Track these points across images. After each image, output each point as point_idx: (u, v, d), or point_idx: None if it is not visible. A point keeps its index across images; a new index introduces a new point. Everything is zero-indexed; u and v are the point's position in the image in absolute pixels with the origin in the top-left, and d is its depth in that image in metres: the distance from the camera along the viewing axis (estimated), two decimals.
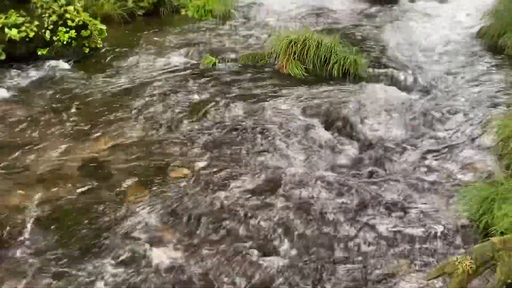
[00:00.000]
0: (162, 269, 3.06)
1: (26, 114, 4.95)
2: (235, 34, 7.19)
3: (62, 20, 6.04)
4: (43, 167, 4.12)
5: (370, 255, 3.29)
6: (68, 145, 4.44)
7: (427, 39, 6.99)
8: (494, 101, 5.28)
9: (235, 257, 3.15)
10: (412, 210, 3.72)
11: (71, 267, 3.13)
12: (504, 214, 3.15)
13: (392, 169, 4.22)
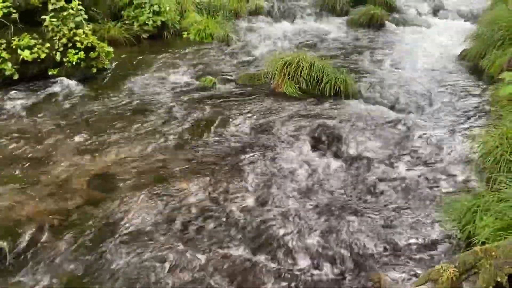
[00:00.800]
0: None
1: (38, 130, 4.95)
2: (233, 56, 7.22)
3: (71, 43, 6.06)
4: (53, 180, 4.12)
5: (360, 262, 3.29)
6: (77, 159, 4.45)
7: (412, 61, 7.02)
8: (475, 119, 5.32)
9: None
10: (398, 220, 3.73)
11: (79, 271, 3.14)
12: (485, 225, 3.16)
13: (377, 181, 4.23)
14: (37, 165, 4.34)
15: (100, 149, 4.63)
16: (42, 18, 5.96)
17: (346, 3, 9.13)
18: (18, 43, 5.81)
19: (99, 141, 4.77)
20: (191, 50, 7.33)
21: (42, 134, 4.87)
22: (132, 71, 6.45)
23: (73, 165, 4.35)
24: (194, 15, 8.18)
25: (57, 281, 3.09)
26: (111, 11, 7.52)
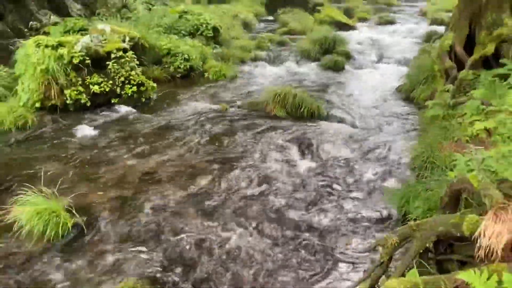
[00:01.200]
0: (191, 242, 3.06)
1: (103, 141, 4.96)
2: (240, 89, 7.22)
3: (127, 80, 6.07)
4: (114, 176, 4.12)
5: (326, 233, 3.29)
6: (131, 162, 4.45)
7: (363, 93, 7.02)
8: (409, 133, 5.32)
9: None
10: (355, 204, 3.73)
11: (133, 237, 3.14)
12: (417, 207, 3.16)
13: (340, 176, 4.23)
14: (103, 166, 4.35)
15: (147, 154, 4.64)
16: (107, 63, 5.98)
17: (318, 53, 9.10)
18: (90, 80, 5.82)
19: (146, 149, 4.77)
20: (210, 85, 7.33)
21: (106, 144, 4.88)
22: (169, 100, 6.45)
23: (128, 166, 4.35)
24: (212, 61, 8.19)
25: (119, 245, 3.08)
26: (154, 58, 7.52)
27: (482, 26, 5.66)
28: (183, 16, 9.07)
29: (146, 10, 8.78)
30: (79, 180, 4.02)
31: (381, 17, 13.94)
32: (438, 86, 5.82)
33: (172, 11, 9.16)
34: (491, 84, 4.86)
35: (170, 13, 9.09)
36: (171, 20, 8.82)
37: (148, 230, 3.26)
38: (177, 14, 9.06)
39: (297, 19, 12.60)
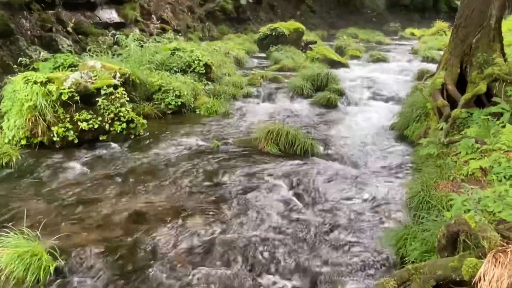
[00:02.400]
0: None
1: (90, 180, 4.91)
2: (232, 126, 7.28)
3: (117, 117, 6.09)
4: (100, 216, 4.06)
5: (320, 277, 3.24)
6: (118, 201, 4.40)
7: (357, 130, 7.10)
8: (403, 171, 5.35)
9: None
10: (351, 247, 3.69)
11: (118, 283, 3.05)
12: (414, 249, 3.14)
13: (333, 218, 4.21)
14: (89, 205, 4.28)
15: (135, 193, 4.59)
16: (96, 100, 6.02)
17: (310, 90, 9.28)
18: (78, 117, 5.84)
19: (135, 187, 4.73)
20: (202, 122, 7.39)
21: (92, 183, 4.83)
22: (159, 137, 6.45)
23: (115, 205, 4.29)
24: (204, 97, 8.30)
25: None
26: (145, 95, 7.60)
27: (473, 65, 5.85)
28: (175, 53, 9.25)
29: (138, 47, 8.93)
30: (64, 220, 3.95)
31: (372, 55, 14.34)
32: (432, 124, 5.92)
33: (165, 48, 9.35)
34: (484, 122, 4.97)
35: (163, 50, 9.28)
36: (163, 57, 8.98)
37: (135, 275, 3.18)
38: (169, 51, 9.25)
39: (290, 56, 12.91)
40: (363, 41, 19.75)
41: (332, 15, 27.22)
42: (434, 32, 20.57)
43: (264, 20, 22.12)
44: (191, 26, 17.99)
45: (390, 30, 25.33)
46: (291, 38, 14.67)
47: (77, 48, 11.09)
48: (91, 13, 13.20)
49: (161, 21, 16.22)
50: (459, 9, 6.20)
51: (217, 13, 19.47)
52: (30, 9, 10.78)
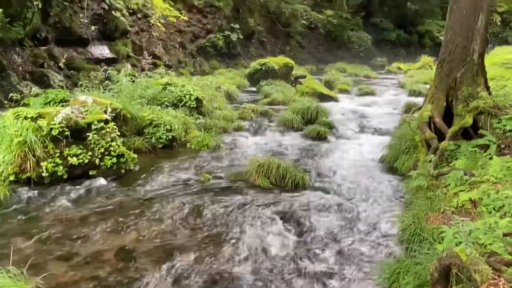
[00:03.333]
0: None
1: (79, 216, 4.84)
2: (223, 159, 7.27)
3: (107, 151, 6.07)
4: (88, 254, 3.98)
5: None
6: (107, 237, 4.33)
7: (347, 163, 7.14)
8: (394, 204, 5.36)
9: None
10: (342, 281, 3.65)
11: None
12: (407, 283, 3.11)
13: (325, 252, 4.17)
14: (77, 242, 4.21)
15: (124, 229, 4.53)
16: (87, 135, 6.02)
17: (301, 123, 9.39)
18: (68, 152, 5.81)
19: (124, 223, 4.66)
20: (192, 156, 7.37)
21: (81, 219, 4.76)
22: (149, 172, 6.42)
23: (103, 242, 4.22)
24: (195, 131, 8.33)
25: None
26: (136, 129, 7.61)
27: (458, 98, 5.99)
28: (167, 88, 9.35)
29: (129, 82, 9.02)
30: (51, 258, 3.86)
31: (361, 89, 14.63)
32: (420, 156, 5.99)
33: (156, 83, 9.46)
34: (472, 154, 5.04)
35: (154, 85, 9.38)
36: (155, 91, 9.07)
37: None
38: (160, 86, 9.35)
39: (280, 90, 13.10)
40: (351, 75, 20.17)
41: (321, 50, 27.90)
42: (420, 66, 21.12)
43: (254, 55, 22.58)
44: (183, 61, 18.27)
45: (377, 65, 25.96)
46: (281, 72, 14.94)
47: (68, 83, 11.16)
48: (83, 49, 13.37)
49: (152, 57, 16.46)
50: (443, 45, 6.40)
51: (208, 48, 19.84)
52: (22, 45, 10.90)
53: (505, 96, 6.36)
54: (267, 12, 24.50)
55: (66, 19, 12.42)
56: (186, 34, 19.48)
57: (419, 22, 31.70)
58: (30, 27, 10.90)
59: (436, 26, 30.89)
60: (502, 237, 3.20)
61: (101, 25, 13.94)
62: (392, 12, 32.16)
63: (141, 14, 16.23)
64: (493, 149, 5.07)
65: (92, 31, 13.25)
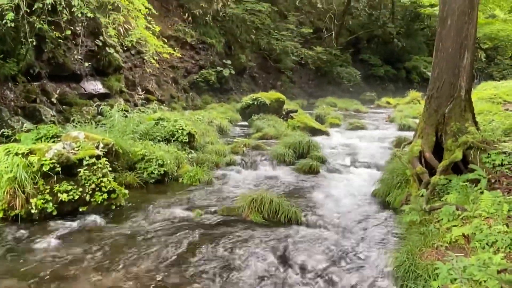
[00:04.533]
0: None
1: (67, 254, 4.72)
2: (215, 194, 7.22)
3: (98, 187, 6.02)
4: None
5: None
6: (96, 277, 4.22)
7: (340, 197, 7.12)
8: (387, 239, 5.32)
9: None
10: None
11: None
12: None
13: (318, 286, 4.11)
14: (65, 282, 4.10)
15: (113, 268, 4.42)
16: (78, 170, 5.97)
17: (292, 157, 9.42)
18: (58, 188, 5.75)
19: (113, 261, 4.56)
20: (184, 191, 7.33)
21: (69, 257, 4.65)
22: (141, 207, 6.35)
23: (93, 281, 4.12)
24: (187, 166, 8.31)
25: None
26: (128, 164, 7.58)
27: (447, 133, 6.09)
28: (159, 123, 9.39)
29: (122, 117, 9.05)
30: None
31: (351, 123, 14.80)
32: (412, 191, 6.01)
33: (149, 118, 9.50)
34: (463, 189, 5.08)
35: (147, 120, 9.42)
36: (147, 126, 9.10)
37: None
38: (153, 121, 9.39)
39: (271, 124, 13.20)
40: (341, 110, 20.45)
41: (311, 85, 28.38)
42: (408, 101, 21.51)
43: (246, 90, 22.88)
44: (175, 96, 18.44)
45: (367, 99, 26.41)
46: (273, 107, 15.10)
47: (60, 118, 11.16)
48: (77, 84, 13.46)
49: (145, 92, 16.61)
50: (431, 81, 6.56)
51: (200, 83, 20.08)
52: (15, 81, 10.95)
53: (492, 131, 6.48)
54: (258, 48, 25.02)
55: (60, 55, 12.55)
56: (179, 70, 19.75)
57: (406, 58, 32.57)
58: (24, 63, 10.99)
59: (423, 62, 31.72)
60: (497, 273, 3.18)
61: (95, 61, 14.09)
62: (379, 48, 33.05)
63: (134, 50, 16.48)
64: (484, 183, 5.11)
65: (85, 67, 13.37)
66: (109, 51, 14.18)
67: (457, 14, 6.12)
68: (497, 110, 10.93)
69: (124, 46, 14.13)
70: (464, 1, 6.08)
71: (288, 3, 29.37)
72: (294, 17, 27.81)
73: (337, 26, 28.91)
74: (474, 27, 6.22)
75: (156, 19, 14.67)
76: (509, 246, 3.78)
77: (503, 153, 5.53)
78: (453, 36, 6.15)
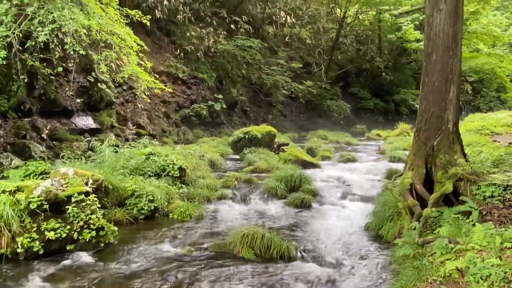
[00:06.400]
0: None
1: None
2: (206, 230, 7.13)
3: (87, 225, 5.91)
4: None
5: None
6: None
7: (333, 231, 7.05)
8: (381, 273, 5.25)
9: None
10: None
11: None
12: None
13: None
14: None
15: None
16: (66, 208, 5.87)
17: (284, 191, 9.37)
18: (46, 226, 5.64)
19: None
20: (175, 227, 7.22)
21: None
22: (130, 245, 6.23)
23: None
24: (178, 201, 8.23)
25: None
26: (118, 200, 7.48)
27: (437, 165, 6.13)
28: (150, 158, 9.35)
29: (112, 152, 9.00)
30: None
31: (342, 155, 14.85)
32: (405, 224, 5.98)
33: (139, 153, 9.46)
34: (455, 221, 5.06)
35: (137, 155, 9.37)
36: (138, 161, 9.05)
37: None
38: (144, 155, 9.35)
39: (263, 158, 13.19)
40: (332, 142, 20.57)
41: (302, 118, 28.64)
42: (398, 133, 21.73)
43: (237, 123, 22.99)
44: (167, 130, 18.45)
45: (357, 132, 26.65)
46: (264, 140, 15.14)
47: (50, 154, 11.06)
48: (67, 120, 13.43)
49: (137, 126, 16.61)
50: (419, 114, 6.66)
51: (192, 118, 20.16)
52: (5, 117, 10.91)
53: (482, 163, 6.55)
54: (249, 83, 25.35)
55: (51, 91, 12.60)
56: (171, 104, 19.87)
57: (394, 91, 33.17)
58: (15, 100, 10.99)
59: (411, 95, 32.30)
60: None
61: (87, 96, 14.14)
62: (368, 82, 33.68)
63: (126, 86, 16.61)
64: (475, 215, 5.11)
65: (77, 102, 13.41)
66: (101, 87, 14.26)
67: (442, 50, 6.29)
68: (486, 142, 11.08)
69: (116, 82, 14.22)
70: (448, 37, 6.27)
71: (278, 39, 30.04)
72: (284, 53, 28.36)
73: (326, 61, 29.50)
74: (459, 61, 6.39)
75: (148, 55, 14.89)
76: (503, 280, 3.74)
77: (493, 185, 5.56)
78: (439, 70, 6.30)
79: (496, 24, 29.75)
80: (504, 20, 31.06)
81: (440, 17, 6.30)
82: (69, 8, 8.64)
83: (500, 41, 32.48)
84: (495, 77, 32.56)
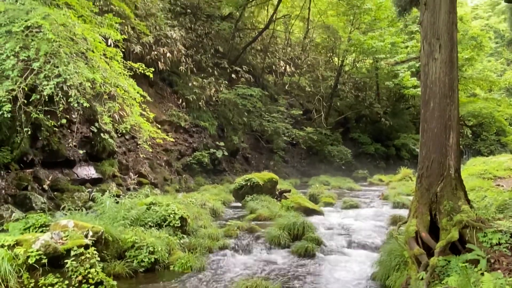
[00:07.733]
0: None
1: None
2: (207, 282, 6.92)
3: (85, 279, 5.76)
4: None
5: None
6: None
7: (338, 283, 6.87)
8: None
9: None
10: None
11: None
12: None
13: None
14: None
15: None
16: (65, 262, 5.75)
17: (287, 239, 9.20)
18: (43, 281, 5.50)
19: None
20: (175, 279, 7.02)
21: None
22: None
23: None
24: (179, 252, 8.06)
25: None
26: (117, 252, 7.33)
27: (441, 212, 6.05)
28: (151, 208, 9.26)
29: (113, 203, 8.93)
30: None
31: (345, 202, 14.71)
32: (412, 273, 5.81)
33: (140, 204, 9.38)
34: (463, 270, 4.93)
35: (138, 205, 9.29)
36: (139, 212, 8.95)
37: None
38: (145, 206, 9.27)
39: (265, 205, 13.06)
40: (335, 188, 20.44)
41: (304, 164, 28.66)
42: (400, 178, 21.63)
43: (239, 170, 22.99)
44: (168, 178, 18.43)
45: (359, 177, 26.56)
46: (266, 187, 15.06)
47: (51, 205, 10.99)
48: (69, 170, 13.46)
49: (138, 175, 16.60)
50: (420, 161, 6.66)
51: (194, 165, 20.19)
52: (8, 169, 10.94)
53: (486, 208, 6.46)
54: (250, 130, 25.62)
55: (54, 142, 12.71)
56: (173, 153, 19.97)
57: (395, 136, 33.38)
58: (18, 151, 11.07)
59: (411, 140, 32.46)
60: None
61: (89, 147, 14.26)
62: (368, 127, 34.00)
63: (129, 135, 16.77)
64: (484, 264, 4.98)
65: (79, 153, 13.49)
66: (103, 137, 14.39)
67: (439, 97, 6.39)
68: (489, 186, 10.99)
69: (119, 132, 14.38)
70: (445, 85, 6.39)
71: (278, 87, 30.69)
72: (284, 100, 28.87)
73: (326, 108, 29.95)
74: (456, 108, 6.47)
75: (151, 105, 15.16)
76: None
77: (499, 232, 5.46)
78: (437, 117, 6.37)
79: (491, 69, 30.42)
80: (499, 65, 31.82)
81: (436, 66, 6.45)
82: (75, 62, 8.90)
83: (496, 86, 33.12)
84: (494, 121, 32.85)
